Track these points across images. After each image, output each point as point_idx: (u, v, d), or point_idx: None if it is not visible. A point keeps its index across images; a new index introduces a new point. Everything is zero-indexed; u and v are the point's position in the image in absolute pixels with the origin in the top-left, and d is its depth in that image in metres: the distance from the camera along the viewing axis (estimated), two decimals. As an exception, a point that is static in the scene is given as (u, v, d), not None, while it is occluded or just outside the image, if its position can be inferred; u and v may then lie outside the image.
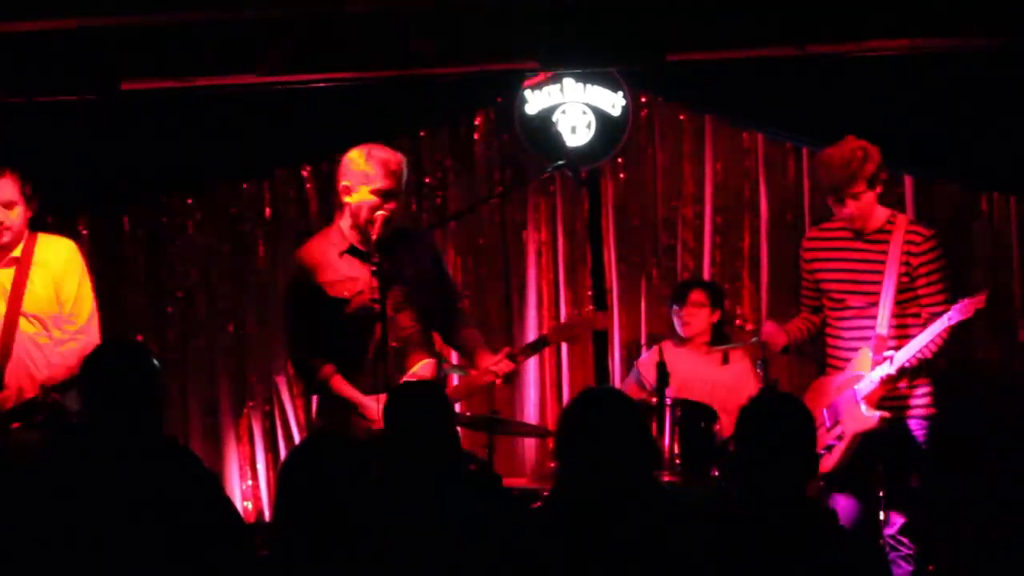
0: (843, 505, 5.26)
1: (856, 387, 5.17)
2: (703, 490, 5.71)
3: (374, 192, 5.10)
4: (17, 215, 5.37)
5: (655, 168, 6.96)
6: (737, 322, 6.70)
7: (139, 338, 6.71)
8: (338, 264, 5.19)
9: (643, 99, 6.86)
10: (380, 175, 5.10)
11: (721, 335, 6.41)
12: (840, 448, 5.21)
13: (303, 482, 3.36)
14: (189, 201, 6.95)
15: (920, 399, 5.23)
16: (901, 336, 5.17)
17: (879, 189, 5.21)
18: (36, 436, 5.20)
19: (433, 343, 5.33)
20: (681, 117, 6.94)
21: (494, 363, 5.19)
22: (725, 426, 5.94)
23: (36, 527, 3.55)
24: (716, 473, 5.79)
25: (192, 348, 7.10)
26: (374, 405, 4.99)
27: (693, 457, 5.73)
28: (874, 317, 5.16)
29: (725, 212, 6.94)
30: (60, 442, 3.79)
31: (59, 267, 5.43)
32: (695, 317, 6.31)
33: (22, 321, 5.36)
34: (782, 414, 3.55)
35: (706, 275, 6.87)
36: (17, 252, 5.40)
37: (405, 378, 5.06)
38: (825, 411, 5.27)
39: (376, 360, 5.07)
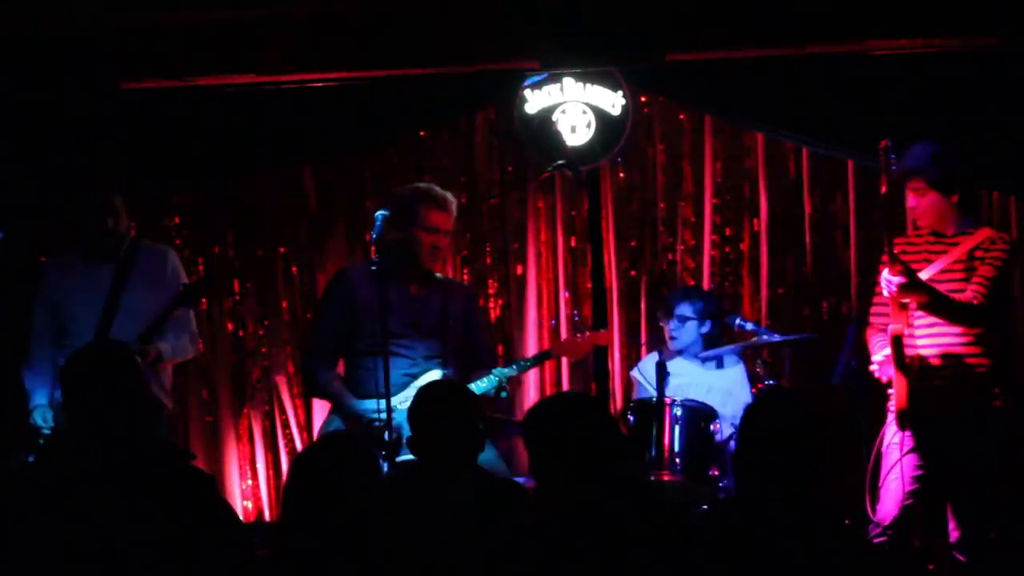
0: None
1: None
2: (703, 489, 5.72)
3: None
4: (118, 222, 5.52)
5: (655, 168, 6.96)
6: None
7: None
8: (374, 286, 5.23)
9: (643, 99, 6.85)
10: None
11: (716, 342, 6.34)
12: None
13: (313, 482, 3.35)
14: (189, 201, 6.94)
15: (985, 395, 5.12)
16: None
17: (955, 199, 5.14)
18: None
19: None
20: (681, 117, 6.95)
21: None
22: (723, 431, 5.95)
23: (29, 534, 3.52)
24: (715, 473, 5.79)
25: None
26: (360, 416, 5.16)
27: (693, 457, 5.73)
28: (951, 323, 5.07)
29: (725, 212, 6.94)
30: (48, 450, 3.75)
31: (163, 275, 5.57)
32: (681, 331, 6.31)
33: (120, 319, 5.44)
34: (783, 414, 3.55)
35: (706, 275, 6.86)
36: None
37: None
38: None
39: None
